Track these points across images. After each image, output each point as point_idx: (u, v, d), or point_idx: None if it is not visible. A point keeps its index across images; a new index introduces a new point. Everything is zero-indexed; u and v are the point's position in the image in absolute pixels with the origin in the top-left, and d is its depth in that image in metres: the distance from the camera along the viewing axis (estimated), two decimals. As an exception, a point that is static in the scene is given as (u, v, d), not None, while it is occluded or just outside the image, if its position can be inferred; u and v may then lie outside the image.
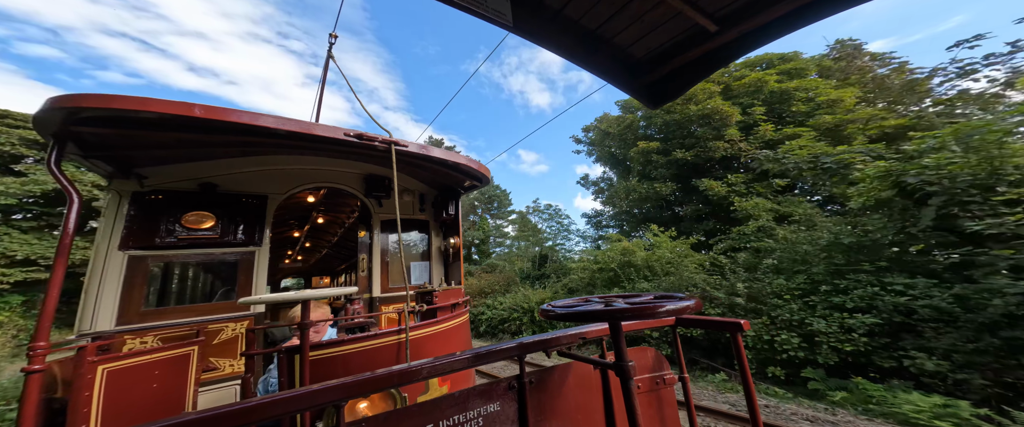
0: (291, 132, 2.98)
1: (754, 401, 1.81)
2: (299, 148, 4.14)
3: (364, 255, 5.33)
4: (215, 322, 3.68)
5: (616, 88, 2.13)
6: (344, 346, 2.78)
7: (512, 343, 1.66)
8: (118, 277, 3.36)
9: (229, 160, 4.06)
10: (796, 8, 1.49)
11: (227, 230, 3.94)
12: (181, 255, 3.74)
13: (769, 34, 1.64)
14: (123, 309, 3.33)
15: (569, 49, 1.89)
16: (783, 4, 1.52)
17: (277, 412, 1.15)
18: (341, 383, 1.27)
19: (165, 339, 3.41)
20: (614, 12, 1.80)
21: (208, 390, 3.46)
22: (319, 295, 2.22)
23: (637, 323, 2.19)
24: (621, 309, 1.15)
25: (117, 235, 3.42)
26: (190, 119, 2.56)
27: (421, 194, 5.53)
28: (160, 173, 3.71)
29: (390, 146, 3.37)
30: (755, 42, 1.69)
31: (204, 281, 4.01)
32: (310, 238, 10.82)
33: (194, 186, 3.87)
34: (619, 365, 1.26)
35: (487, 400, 1.60)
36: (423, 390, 3.08)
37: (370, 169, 4.96)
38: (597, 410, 1.78)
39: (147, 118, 2.54)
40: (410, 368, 1.41)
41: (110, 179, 3.49)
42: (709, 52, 1.86)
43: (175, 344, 2.96)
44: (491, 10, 1.63)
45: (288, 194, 4.47)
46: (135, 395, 2.64)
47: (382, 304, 4.92)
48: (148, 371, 2.74)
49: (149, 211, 3.61)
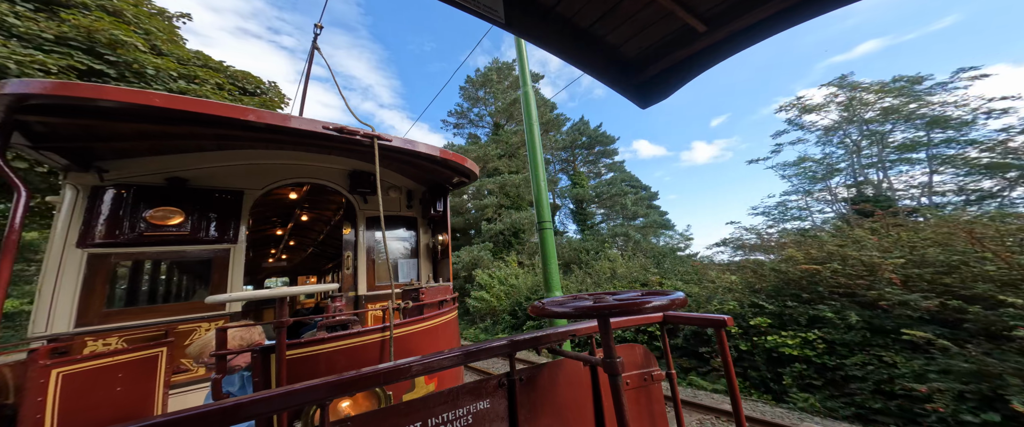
0: (266, 125, 2.89)
1: (736, 395, 1.86)
2: (278, 142, 4.01)
3: (349, 253, 5.25)
4: (186, 322, 3.55)
5: (607, 86, 2.14)
6: (324, 345, 2.72)
7: (503, 340, 1.66)
8: (76, 276, 3.19)
9: (202, 154, 3.89)
10: (784, 8, 1.52)
11: (199, 227, 3.78)
12: (148, 253, 3.58)
13: (758, 34, 1.67)
14: (82, 309, 3.17)
15: (561, 47, 1.88)
16: (772, 4, 1.55)
17: (252, 414, 1.10)
18: (322, 382, 1.23)
19: (131, 341, 3.26)
20: (606, 11, 1.81)
21: (180, 393, 3.34)
22: (299, 291, 2.16)
23: (626, 319, 2.21)
24: (610, 305, 1.15)
25: (75, 231, 3.25)
26: (150, 109, 2.43)
27: (408, 190, 5.47)
28: (123, 166, 3.54)
29: (373, 140, 3.30)
30: (744, 42, 1.72)
31: (175, 280, 3.85)
32: (294, 236, 10.58)
33: (161, 180, 3.70)
34: (607, 362, 1.27)
35: (477, 397, 1.59)
36: (409, 388, 3.05)
37: (355, 165, 4.88)
38: (587, 407, 1.80)
39: (104, 107, 2.41)
40: (398, 366, 1.38)
41: (65, 172, 3.31)
42: (698, 52, 1.88)
43: (142, 346, 2.85)
44: (483, 7, 1.61)
45: (266, 190, 4.34)
46: (96, 400, 2.53)
47: (368, 302, 4.85)
48: (111, 374, 2.62)
49: (111, 206, 3.43)
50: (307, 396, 1.19)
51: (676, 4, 1.70)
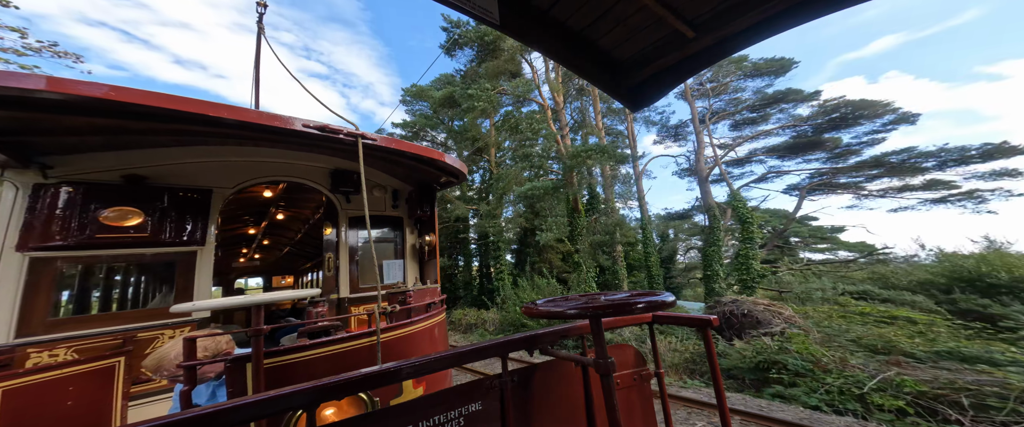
0: (238, 122, 2.75)
1: (721, 389, 1.91)
2: (252, 139, 3.81)
3: (330, 254, 5.12)
4: (146, 330, 3.33)
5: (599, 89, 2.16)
6: (305, 352, 2.61)
7: (495, 341, 1.65)
8: (16, 282, 2.93)
9: (164, 150, 3.66)
10: (769, 17, 1.57)
11: (161, 228, 3.54)
12: (101, 256, 3.32)
13: (744, 40, 1.72)
14: (24, 319, 2.91)
15: (555, 49, 1.90)
16: (756, 12, 1.60)
17: (228, 422, 1.05)
18: (305, 387, 1.19)
19: (82, 351, 3.04)
20: (599, 15, 1.83)
21: (141, 404, 3.15)
22: (275, 298, 2.07)
23: (617, 319, 2.24)
24: (601, 306, 1.17)
25: (13, 234, 2.98)
26: (95, 101, 2.28)
27: (394, 190, 5.38)
28: (70, 163, 3.27)
29: (357, 139, 3.22)
30: (731, 48, 1.77)
31: (133, 285, 3.60)
32: (269, 235, 10.22)
33: (117, 178, 3.45)
34: (599, 362, 1.28)
35: (469, 399, 1.58)
36: (396, 393, 2.99)
37: (337, 163, 4.75)
38: (579, 407, 1.81)
39: (41, 99, 2.24)
40: (386, 369, 1.36)
41: (2, 168, 3.05)
42: (687, 57, 1.93)
43: (96, 356, 2.67)
44: (478, 7, 1.61)
45: (238, 188, 4.13)
46: (44, 415, 2.37)
47: (351, 305, 4.74)
48: (60, 387, 2.46)
49: (56, 206, 3.16)
50: (289, 402, 1.15)
51: (666, 10, 1.74)
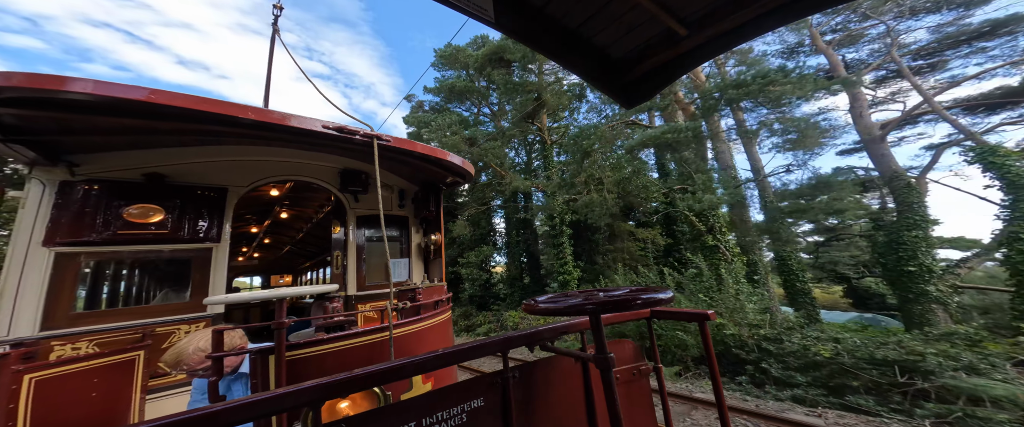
0: (262, 123, 2.84)
1: (719, 385, 1.93)
2: (267, 139, 3.91)
3: (338, 252, 5.21)
4: (165, 324, 3.43)
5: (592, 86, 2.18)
6: (325, 345, 2.72)
7: (497, 338, 1.70)
8: (42, 276, 3.04)
9: (182, 149, 3.77)
10: (759, 15, 1.57)
11: (180, 225, 3.65)
12: (122, 252, 3.43)
13: (736, 37, 1.73)
14: (49, 312, 3.02)
15: (550, 47, 1.92)
16: (747, 11, 1.61)
17: (249, 416, 1.10)
18: (321, 382, 1.25)
19: (104, 345, 3.14)
20: (593, 13, 1.85)
21: (158, 398, 3.25)
22: (297, 292, 2.16)
23: (616, 315, 2.27)
24: (601, 302, 1.20)
25: (41, 229, 3.08)
26: (135, 103, 2.36)
27: (401, 190, 5.45)
28: (96, 161, 3.38)
29: (372, 140, 3.29)
30: (723, 45, 1.78)
31: (152, 280, 3.72)
32: (270, 234, 10.31)
33: (139, 176, 3.56)
34: (599, 357, 1.32)
35: (471, 395, 1.62)
36: (407, 388, 3.07)
37: (347, 163, 4.83)
38: (580, 402, 1.85)
39: (83, 101, 2.32)
40: (392, 365, 1.41)
41: (31, 166, 3.15)
42: (680, 55, 1.94)
43: (118, 349, 2.76)
44: (473, 5, 1.64)
45: (252, 187, 4.24)
46: (71, 406, 2.47)
47: (359, 303, 4.84)
48: (86, 379, 2.55)
49: (82, 203, 3.26)
50: (300, 398, 1.20)
51: (659, 8, 1.75)
